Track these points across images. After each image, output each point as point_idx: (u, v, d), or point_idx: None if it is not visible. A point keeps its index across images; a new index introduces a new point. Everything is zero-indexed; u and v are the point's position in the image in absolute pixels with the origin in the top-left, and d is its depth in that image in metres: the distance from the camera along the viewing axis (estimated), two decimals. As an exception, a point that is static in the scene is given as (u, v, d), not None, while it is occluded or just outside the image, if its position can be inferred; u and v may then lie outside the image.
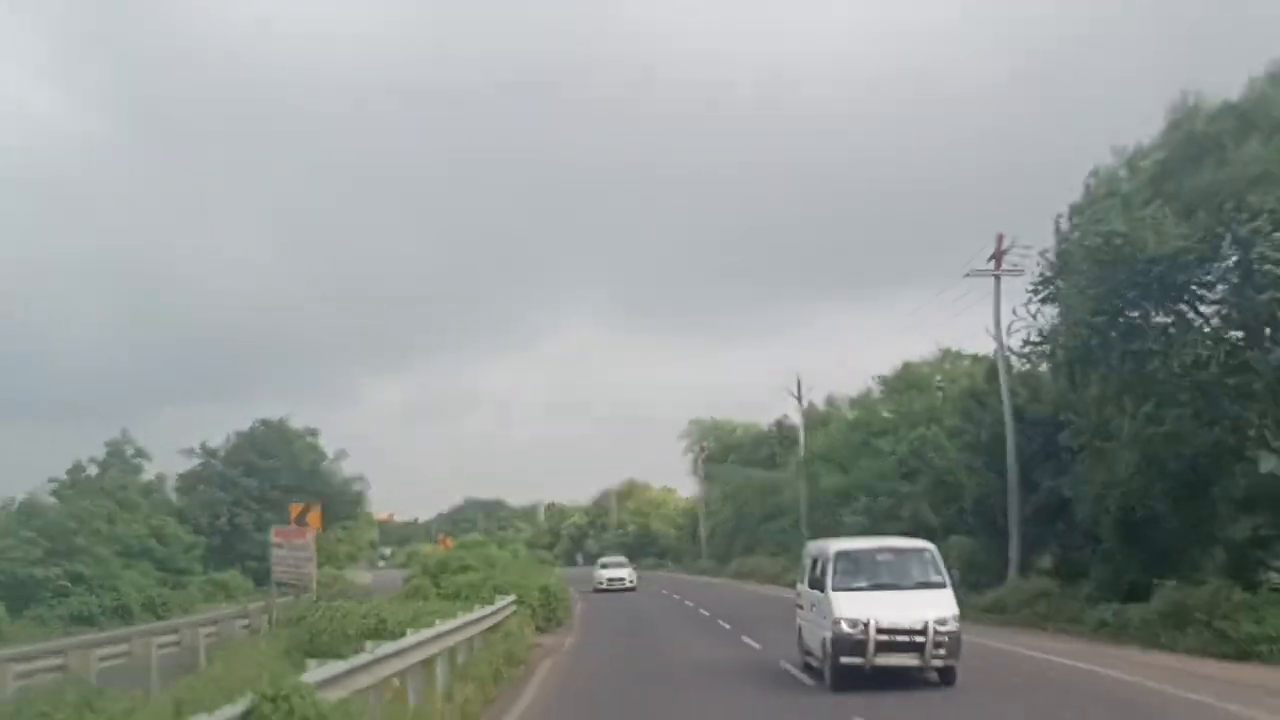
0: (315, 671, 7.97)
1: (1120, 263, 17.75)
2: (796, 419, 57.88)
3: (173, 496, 57.00)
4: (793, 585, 19.36)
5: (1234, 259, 17.25)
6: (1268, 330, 17.57)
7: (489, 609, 18.24)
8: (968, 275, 29.37)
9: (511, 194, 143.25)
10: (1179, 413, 18.95)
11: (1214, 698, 12.80)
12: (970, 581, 26.00)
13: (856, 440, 45.84)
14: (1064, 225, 21.18)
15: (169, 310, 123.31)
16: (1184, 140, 18.28)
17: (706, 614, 30.05)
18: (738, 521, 64.67)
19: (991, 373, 29.58)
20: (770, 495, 58.67)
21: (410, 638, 11.05)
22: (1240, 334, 18.29)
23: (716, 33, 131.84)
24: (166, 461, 59.96)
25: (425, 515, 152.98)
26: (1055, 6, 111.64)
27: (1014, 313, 23.16)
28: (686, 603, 36.59)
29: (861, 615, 13.93)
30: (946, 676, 14.40)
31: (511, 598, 21.05)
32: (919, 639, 13.86)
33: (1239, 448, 18.03)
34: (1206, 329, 18.36)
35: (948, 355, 43.96)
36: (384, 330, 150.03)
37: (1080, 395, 22.14)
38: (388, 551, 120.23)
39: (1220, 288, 18.01)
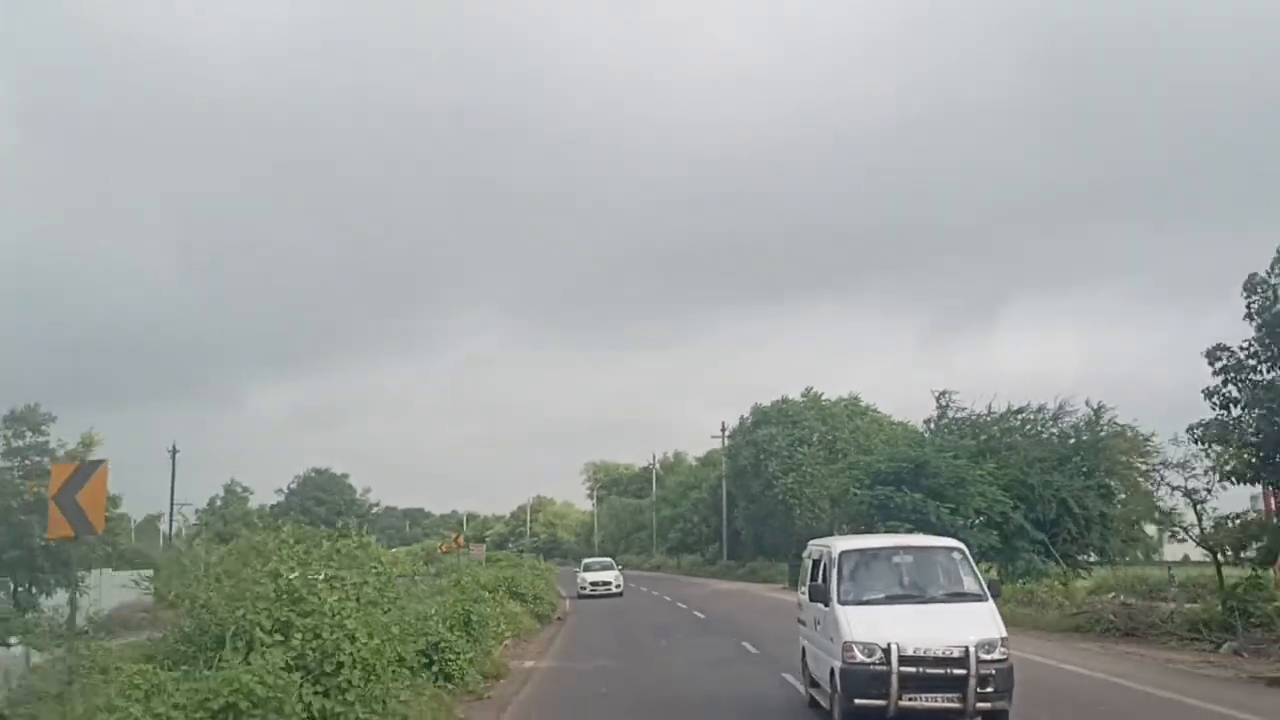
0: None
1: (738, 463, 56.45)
2: (693, 454, 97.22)
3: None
4: (673, 571, 52.33)
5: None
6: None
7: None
8: (713, 436, 68.12)
9: (420, 201, 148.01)
10: (763, 506, 57.54)
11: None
12: (710, 563, 64.83)
13: (680, 489, 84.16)
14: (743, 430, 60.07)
15: (52, 313, 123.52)
16: (756, 418, 57.02)
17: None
18: (617, 533, 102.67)
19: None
20: (636, 516, 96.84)
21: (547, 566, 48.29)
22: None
23: (625, 65, 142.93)
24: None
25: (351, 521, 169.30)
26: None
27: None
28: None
29: (879, 638, 10.83)
30: None
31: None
32: (958, 671, 10.60)
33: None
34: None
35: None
36: (281, 334, 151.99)
37: (742, 492, 60.76)
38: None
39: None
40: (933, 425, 42.36)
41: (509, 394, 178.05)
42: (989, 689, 10.67)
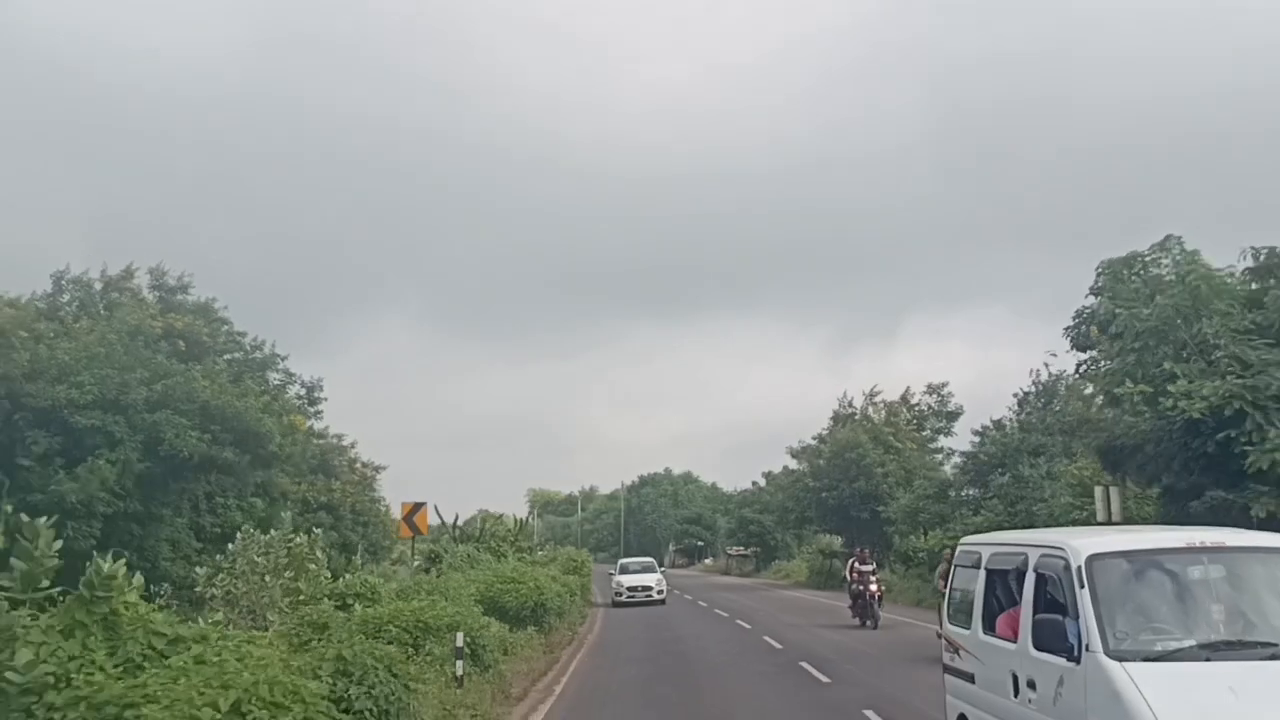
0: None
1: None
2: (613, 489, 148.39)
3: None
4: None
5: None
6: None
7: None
8: (615, 490, 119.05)
9: (339, 202, 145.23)
10: (644, 529, 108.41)
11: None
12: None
13: (595, 514, 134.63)
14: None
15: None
16: (641, 482, 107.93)
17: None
18: (551, 540, 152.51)
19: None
20: (564, 530, 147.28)
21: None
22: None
23: (550, 85, 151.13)
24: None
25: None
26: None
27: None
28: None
29: None
30: None
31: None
32: None
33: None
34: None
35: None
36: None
37: (631, 520, 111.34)
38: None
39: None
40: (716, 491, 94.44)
41: (438, 402, 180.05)
42: None
